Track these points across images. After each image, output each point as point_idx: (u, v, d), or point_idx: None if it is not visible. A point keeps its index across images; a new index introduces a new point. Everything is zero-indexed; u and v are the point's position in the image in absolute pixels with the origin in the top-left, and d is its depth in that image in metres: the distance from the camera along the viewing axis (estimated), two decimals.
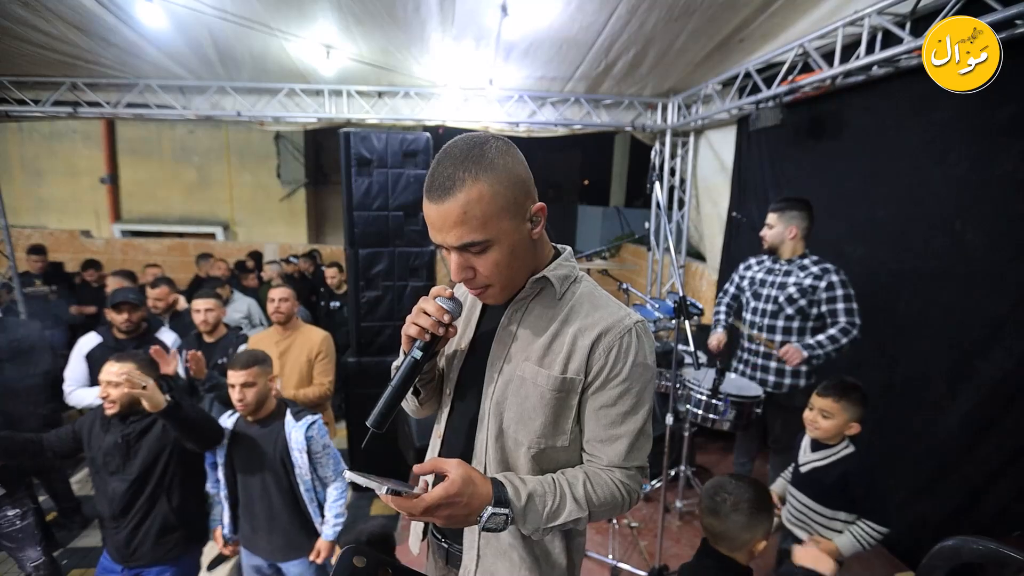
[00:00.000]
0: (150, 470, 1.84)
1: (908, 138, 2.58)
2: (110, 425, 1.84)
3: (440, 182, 0.81)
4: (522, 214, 0.87)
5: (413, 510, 0.78)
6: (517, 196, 0.85)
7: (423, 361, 0.91)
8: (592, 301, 0.95)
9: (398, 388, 0.89)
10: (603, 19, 3.12)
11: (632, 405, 0.92)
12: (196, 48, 3.72)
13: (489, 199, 0.81)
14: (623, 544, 2.64)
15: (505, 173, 0.83)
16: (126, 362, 1.79)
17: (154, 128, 8.22)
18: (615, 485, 0.92)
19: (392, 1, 3.00)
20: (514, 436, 0.94)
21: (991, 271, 2.20)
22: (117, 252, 7.94)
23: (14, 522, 2.15)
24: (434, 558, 1.11)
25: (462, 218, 0.81)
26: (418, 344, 0.90)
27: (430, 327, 0.89)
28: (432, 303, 0.90)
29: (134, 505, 1.83)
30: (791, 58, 3.04)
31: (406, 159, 3.23)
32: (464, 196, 0.80)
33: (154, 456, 1.84)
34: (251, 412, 1.89)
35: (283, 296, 2.72)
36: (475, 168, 0.80)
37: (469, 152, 0.82)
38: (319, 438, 1.94)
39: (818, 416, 1.84)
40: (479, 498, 0.81)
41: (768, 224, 2.59)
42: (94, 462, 1.85)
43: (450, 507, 0.79)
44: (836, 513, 1.80)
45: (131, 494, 1.83)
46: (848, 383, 1.86)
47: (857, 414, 1.81)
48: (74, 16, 3.18)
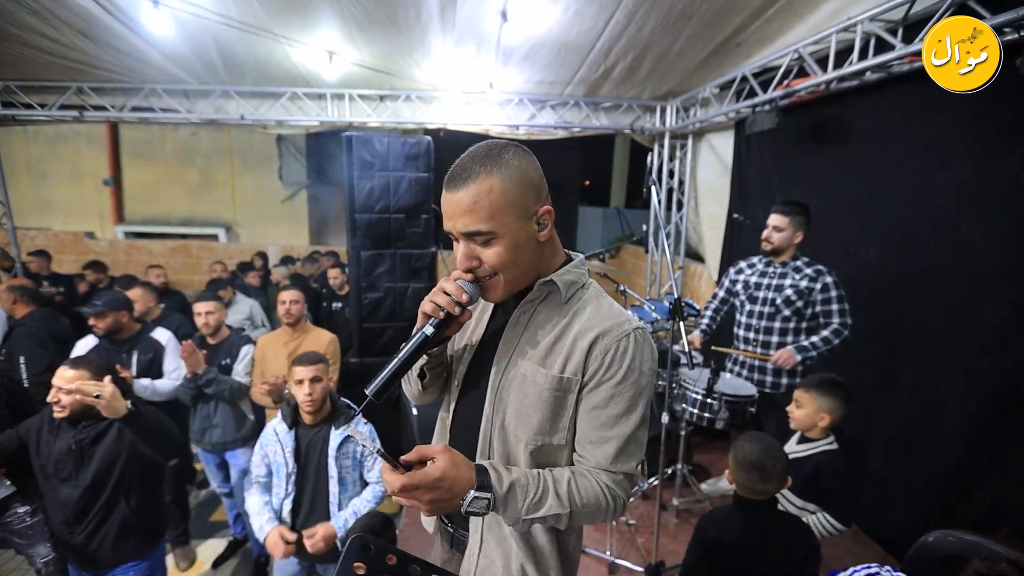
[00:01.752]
0: (106, 475, 1.79)
1: (909, 142, 2.60)
2: (60, 430, 1.77)
3: (457, 174, 0.89)
4: (529, 214, 0.92)
5: (394, 484, 0.82)
6: (526, 196, 0.91)
7: (433, 339, 0.93)
8: (596, 306, 0.98)
9: (404, 361, 0.91)
10: (601, 24, 3.17)
11: (624, 409, 0.94)
12: (201, 53, 3.78)
13: (499, 193, 0.87)
14: (620, 541, 2.69)
15: (518, 173, 0.90)
16: (79, 368, 1.74)
17: (157, 131, 8.27)
18: (600, 488, 0.94)
19: (394, 8, 3.05)
20: (514, 432, 0.98)
21: (994, 273, 2.21)
22: (121, 254, 8.00)
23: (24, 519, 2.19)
24: (440, 542, 1.16)
25: (472, 207, 0.87)
26: (432, 321, 0.92)
27: (446, 305, 0.91)
28: (452, 284, 0.93)
29: (90, 511, 1.78)
30: (786, 63, 3.08)
31: (408, 162, 3.29)
32: (476, 187, 0.87)
33: (110, 461, 1.79)
34: (316, 410, 1.93)
35: (293, 298, 2.77)
36: (491, 164, 0.88)
37: (489, 151, 0.90)
38: (371, 441, 1.94)
39: (793, 405, 1.99)
40: (462, 483, 0.85)
41: (776, 227, 2.57)
42: (44, 469, 1.78)
43: (433, 491, 0.82)
44: (806, 504, 1.87)
45: (86, 500, 1.77)
46: (826, 378, 1.95)
47: (828, 406, 1.90)
48: (81, 23, 3.24)
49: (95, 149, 8.47)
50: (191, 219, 8.86)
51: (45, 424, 1.81)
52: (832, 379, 1.94)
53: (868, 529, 2.72)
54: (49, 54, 3.70)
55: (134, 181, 8.70)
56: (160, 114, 4.53)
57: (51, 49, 3.62)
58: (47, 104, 4.40)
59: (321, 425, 1.97)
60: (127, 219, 8.81)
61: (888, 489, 2.65)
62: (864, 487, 2.73)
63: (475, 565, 1.03)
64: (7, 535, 2.18)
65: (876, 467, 2.71)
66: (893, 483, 2.63)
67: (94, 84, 4.32)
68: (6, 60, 3.87)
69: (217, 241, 8.75)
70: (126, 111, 4.45)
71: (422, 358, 1.02)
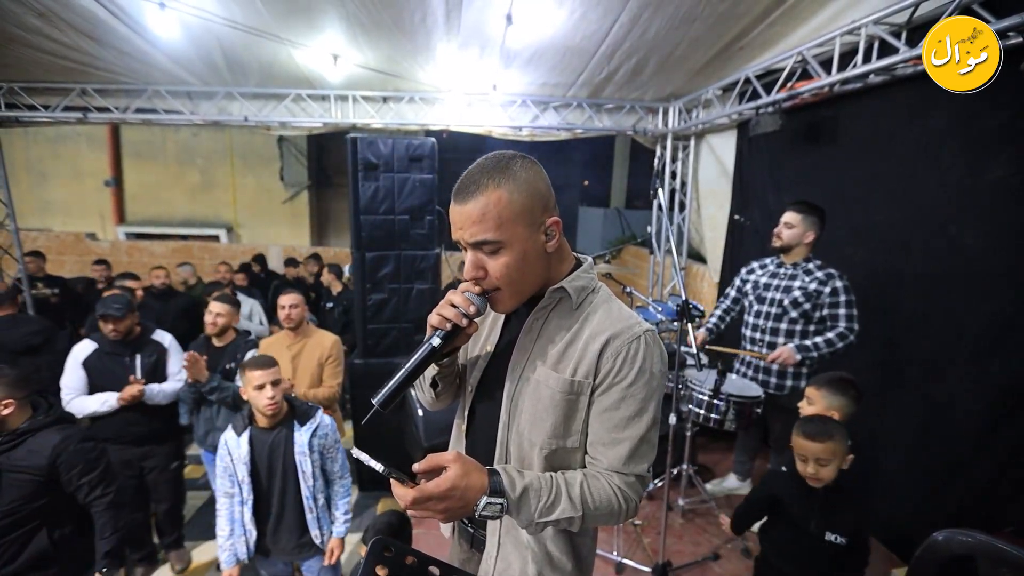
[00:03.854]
0: (19, 506, 1.65)
1: (904, 144, 2.63)
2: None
3: (466, 186, 0.90)
4: (537, 225, 0.93)
5: (405, 498, 0.83)
6: (534, 207, 0.92)
7: (440, 350, 0.94)
8: (607, 310, 0.99)
9: (410, 372, 0.93)
10: (606, 28, 3.18)
11: (636, 411, 0.94)
12: (205, 55, 3.79)
13: (507, 203, 0.88)
14: (627, 541, 2.70)
15: (525, 184, 0.91)
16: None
17: (158, 131, 8.27)
18: (612, 490, 0.94)
19: (399, 11, 3.06)
20: (528, 437, 0.99)
21: (986, 274, 2.24)
22: (122, 254, 7.99)
23: None
24: (459, 541, 1.17)
25: (480, 218, 0.89)
26: (439, 333, 0.94)
27: (453, 317, 0.93)
28: (460, 296, 0.94)
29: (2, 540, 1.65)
30: (790, 65, 3.09)
31: (412, 163, 3.29)
32: (484, 199, 0.88)
33: (26, 490, 1.67)
34: (277, 413, 1.90)
35: (293, 302, 2.77)
36: (499, 176, 0.89)
37: (497, 163, 0.91)
38: (331, 433, 2.00)
39: (804, 403, 2.02)
40: (474, 490, 0.85)
41: (787, 223, 2.58)
42: None
43: (445, 500, 0.83)
44: None
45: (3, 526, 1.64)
46: (837, 376, 1.99)
47: (837, 403, 1.93)
48: (86, 25, 3.24)
49: (96, 150, 8.47)
50: (192, 220, 8.86)
51: None
52: (843, 377, 1.98)
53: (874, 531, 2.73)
54: (53, 56, 3.70)
55: (135, 182, 8.70)
56: (163, 115, 4.53)
57: (55, 51, 3.62)
58: (51, 106, 4.40)
59: (279, 427, 1.94)
60: (128, 220, 8.80)
61: (894, 490, 2.65)
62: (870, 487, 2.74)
63: (493, 568, 1.05)
64: None
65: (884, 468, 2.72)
66: (899, 485, 2.64)
67: (97, 86, 4.31)
68: (10, 62, 3.87)
69: (218, 242, 8.74)
70: (130, 112, 4.45)
71: (433, 368, 1.04)
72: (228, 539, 1.93)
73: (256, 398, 1.86)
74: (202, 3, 2.97)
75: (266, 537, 1.98)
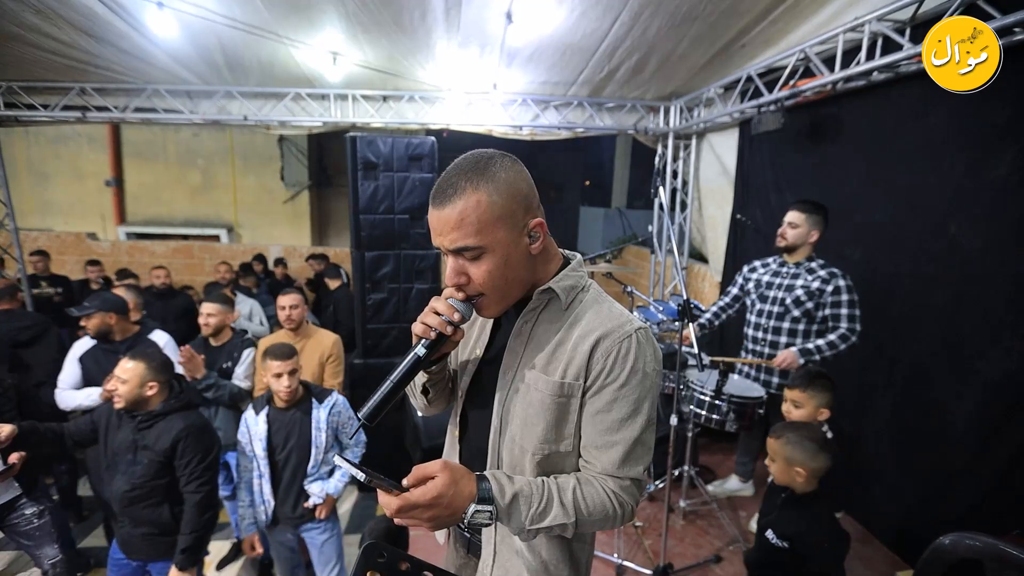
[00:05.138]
0: (146, 481, 1.89)
1: (905, 142, 2.61)
2: (122, 421, 1.91)
3: (443, 190, 0.86)
4: (520, 227, 0.89)
5: (391, 506, 0.79)
6: (515, 209, 0.88)
7: (425, 359, 0.92)
8: (597, 309, 0.95)
9: (396, 384, 0.90)
10: (606, 26, 3.16)
11: (629, 412, 0.91)
12: (204, 54, 3.78)
13: (486, 207, 0.84)
14: (628, 543, 2.68)
15: (505, 186, 0.86)
16: (138, 360, 1.90)
17: (159, 131, 8.27)
18: (606, 494, 0.91)
19: (399, 10, 3.04)
20: (520, 443, 0.96)
21: (985, 273, 2.22)
22: (123, 255, 7.99)
23: (32, 520, 2.19)
24: (455, 547, 1.15)
25: (459, 223, 0.84)
26: (424, 342, 0.91)
27: (438, 326, 0.90)
28: (443, 303, 0.91)
29: (139, 504, 1.90)
30: (792, 63, 3.07)
31: (411, 163, 3.28)
32: (463, 203, 0.84)
33: (152, 468, 1.89)
34: (293, 397, 2.12)
35: (293, 303, 2.76)
36: (477, 178, 0.85)
37: (475, 165, 0.86)
38: (344, 411, 2.25)
39: (791, 407, 2.01)
40: (462, 498, 0.82)
41: (792, 223, 2.56)
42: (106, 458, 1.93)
43: (431, 508, 0.80)
44: None
45: (134, 496, 1.89)
46: (813, 372, 2.00)
47: (825, 400, 1.95)
48: (85, 23, 3.23)
49: (96, 150, 8.46)
50: (193, 220, 8.86)
51: (113, 413, 1.94)
52: (819, 372, 2.02)
53: (878, 534, 2.71)
54: (52, 54, 3.69)
55: (136, 182, 8.69)
56: (163, 115, 4.52)
57: (54, 49, 3.61)
58: (50, 105, 4.39)
59: (295, 409, 2.16)
60: (129, 220, 8.80)
61: (898, 492, 2.63)
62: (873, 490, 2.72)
63: (490, 574, 1.02)
64: (15, 536, 2.18)
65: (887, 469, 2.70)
66: (903, 486, 2.61)
67: (97, 85, 4.30)
68: (8, 61, 3.86)
69: (219, 242, 8.74)
70: (129, 112, 4.44)
71: (423, 375, 1.01)
72: (248, 508, 2.18)
73: (274, 384, 2.09)
74: (202, 1, 2.96)
75: (277, 506, 2.19)
